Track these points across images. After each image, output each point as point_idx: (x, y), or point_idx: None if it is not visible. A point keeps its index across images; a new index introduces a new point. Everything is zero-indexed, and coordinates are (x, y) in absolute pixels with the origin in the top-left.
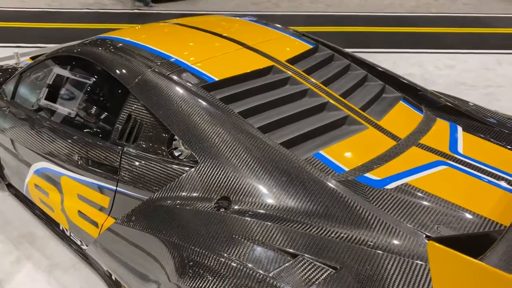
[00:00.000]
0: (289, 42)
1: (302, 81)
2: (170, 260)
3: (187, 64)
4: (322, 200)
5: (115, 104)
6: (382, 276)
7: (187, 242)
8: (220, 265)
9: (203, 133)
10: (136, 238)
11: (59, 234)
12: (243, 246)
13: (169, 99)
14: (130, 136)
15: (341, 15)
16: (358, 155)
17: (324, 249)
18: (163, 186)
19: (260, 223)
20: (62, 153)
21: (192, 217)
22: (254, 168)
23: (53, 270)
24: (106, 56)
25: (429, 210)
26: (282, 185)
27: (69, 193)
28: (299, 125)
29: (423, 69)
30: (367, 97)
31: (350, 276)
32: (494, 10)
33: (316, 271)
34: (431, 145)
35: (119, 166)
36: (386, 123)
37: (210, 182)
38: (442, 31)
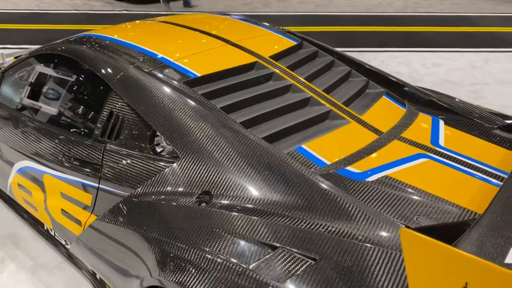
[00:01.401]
0: (273, 39)
1: (285, 77)
2: (151, 255)
3: (170, 60)
4: (303, 193)
5: (97, 101)
6: (361, 266)
7: (168, 237)
8: (201, 259)
9: (184, 128)
10: (117, 234)
11: (43, 234)
12: (224, 240)
13: (151, 95)
14: (112, 133)
15: (330, 15)
16: (340, 149)
17: (304, 240)
18: (144, 182)
19: (240, 216)
20: (45, 151)
21: (173, 212)
22: (235, 163)
23: (37, 271)
24: (88, 53)
25: (409, 202)
26: (264, 179)
27: (52, 192)
28: (281, 120)
29: (410, 68)
30: (350, 92)
31: (329, 267)
32: (482, 9)
33: (295, 263)
34: (413, 138)
35: (101, 163)
36: (369, 117)
37: (191, 177)
38: (430, 30)
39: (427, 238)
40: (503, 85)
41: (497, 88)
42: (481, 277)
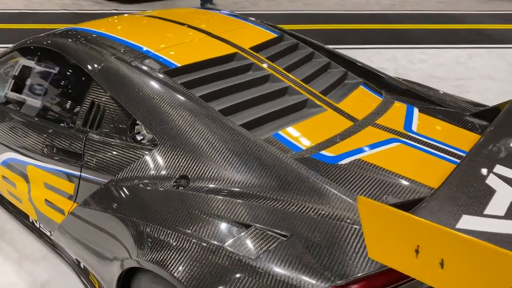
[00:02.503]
0: (254, 31)
1: (265, 67)
2: (130, 238)
3: (150, 51)
4: (277, 176)
5: (79, 92)
6: (331, 241)
7: (146, 219)
8: (176, 239)
9: (162, 115)
10: (98, 220)
11: (28, 226)
12: (199, 220)
13: (131, 85)
14: (93, 123)
15: (318, 13)
16: (315, 135)
17: (276, 219)
18: (124, 169)
19: (216, 198)
20: (29, 142)
21: (151, 196)
22: (212, 148)
23: (23, 262)
24: (71, 45)
25: (379, 182)
26: (240, 164)
27: (36, 182)
28: (260, 108)
29: (396, 64)
30: (328, 82)
31: (300, 243)
32: (468, 7)
33: (267, 240)
34: (386, 124)
35: (83, 152)
36: (345, 105)
37: (169, 162)
38: (416, 28)
39: (381, 205)
40: (486, 79)
41: (480, 83)
42: (432, 240)
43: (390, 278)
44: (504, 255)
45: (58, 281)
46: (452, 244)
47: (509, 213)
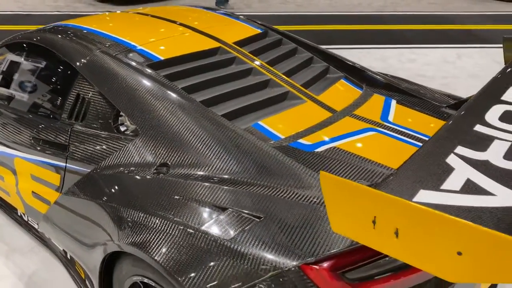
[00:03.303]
0: (238, 27)
1: (247, 61)
2: (112, 223)
3: (135, 45)
4: (254, 162)
5: (65, 85)
6: (303, 222)
7: (127, 205)
8: (156, 223)
9: (144, 106)
10: (81, 208)
11: (17, 220)
12: (178, 204)
13: (114, 77)
14: (78, 115)
15: (310, 15)
16: (294, 125)
17: (251, 202)
18: (107, 158)
19: (195, 183)
20: (16, 135)
21: (132, 183)
22: (192, 137)
23: (11, 254)
24: (57, 40)
25: (352, 168)
26: (219, 151)
27: (23, 175)
28: (241, 100)
29: (386, 63)
30: (310, 76)
31: (273, 224)
32: (458, 8)
33: (242, 221)
34: (364, 115)
35: (68, 143)
36: (325, 97)
37: (150, 151)
38: (406, 28)
39: (342, 179)
40: (473, 78)
41: (468, 81)
42: (386, 211)
43: (359, 256)
44: (451, 221)
45: (45, 273)
46: (404, 213)
47: (464, 188)
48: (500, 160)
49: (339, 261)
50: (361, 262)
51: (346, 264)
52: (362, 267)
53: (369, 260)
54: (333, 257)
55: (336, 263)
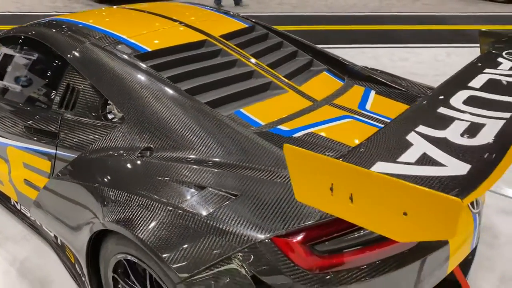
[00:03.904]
0: (226, 22)
1: (232, 53)
2: (97, 203)
3: (123, 37)
4: (234, 146)
5: (56, 76)
6: (276, 198)
7: (111, 185)
8: (138, 201)
9: (130, 94)
10: (68, 191)
11: (10, 209)
12: (159, 184)
13: (103, 67)
14: (68, 104)
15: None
16: (274, 113)
17: (228, 181)
18: (94, 144)
19: (176, 165)
20: (9, 125)
21: (117, 165)
22: (175, 123)
23: (4, 242)
24: (49, 33)
25: (326, 150)
26: (200, 136)
27: (15, 163)
28: (225, 89)
29: (378, 62)
30: (293, 68)
31: (248, 200)
32: (452, 9)
33: (219, 199)
34: (342, 104)
35: (58, 131)
36: (306, 88)
37: (135, 136)
38: (400, 28)
39: (303, 150)
40: None
41: None
42: (342, 177)
43: (328, 230)
44: (396, 184)
45: (37, 259)
46: (357, 179)
47: (419, 160)
48: (458, 137)
49: (309, 234)
50: (330, 235)
51: (315, 237)
52: (331, 240)
53: (337, 234)
54: (303, 230)
55: (306, 236)
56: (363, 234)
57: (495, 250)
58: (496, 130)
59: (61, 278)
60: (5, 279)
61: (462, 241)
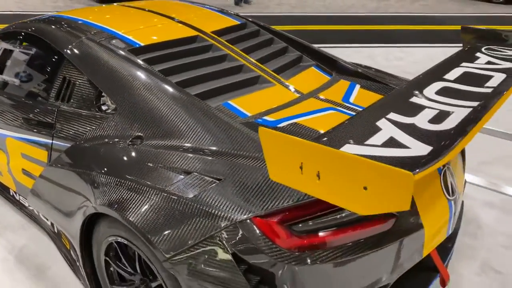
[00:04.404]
0: (218, 18)
1: (223, 48)
2: (89, 188)
3: (118, 32)
4: (220, 135)
5: (53, 69)
6: (258, 182)
7: (103, 171)
8: (128, 185)
9: (123, 86)
10: (62, 178)
11: (9, 199)
12: (148, 170)
13: (98, 60)
14: (64, 96)
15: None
16: (261, 105)
17: (213, 166)
18: (87, 133)
19: (164, 152)
20: (8, 117)
21: (108, 152)
22: (166, 113)
23: (3, 231)
24: (47, 29)
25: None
26: (189, 125)
27: (14, 153)
28: (214, 83)
29: (373, 61)
30: (282, 63)
31: (231, 184)
32: (449, 10)
33: (204, 183)
34: (327, 97)
35: (55, 122)
36: (293, 82)
37: (126, 125)
38: (397, 28)
39: (276, 132)
40: None
41: None
42: (310, 156)
43: (306, 211)
44: (357, 160)
45: (34, 246)
46: (323, 157)
47: (386, 143)
48: (425, 123)
49: (287, 215)
50: (308, 216)
51: (293, 218)
52: (308, 221)
53: (315, 215)
54: (282, 211)
55: (284, 216)
56: (339, 216)
57: (478, 241)
58: (461, 117)
59: (57, 265)
60: (4, 265)
61: (437, 226)
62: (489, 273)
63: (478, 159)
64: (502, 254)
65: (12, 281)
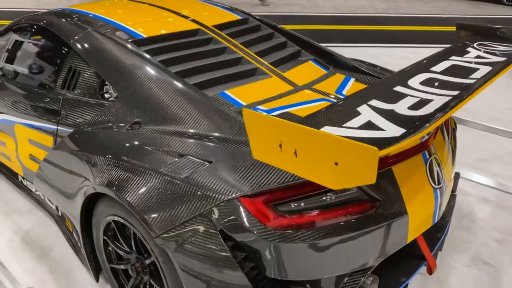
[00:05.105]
0: (220, 13)
1: (223, 41)
2: (89, 170)
3: (122, 25)
4: (213, 122)
5: (60, 59)
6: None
7: (102, 153)
8: (124, 167)
9: (124, 75)
10: (65, 161)
11: (17, 185)
12: (144, 152)
13: (102, 51)
14: (70, 84)
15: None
16: (256, 95)
17: (205, 151)
18: (89, 119)
19: (160, 136)
20: (17, 104)
21: (108, 137)
22: (163, 101)
23: (11, 214)
24: (56, 21)
25: None
26: (184, 113)
27: (22, 139)
28: (213, 73)
29: (378, 60)
30: (280, 57)
31: (221, 166)
32: (460, 11)
33: (196, 165)
34: (321, 89)
35: (60, 109)
36: (290, 74)
37: (126, 111)
38: (403, 29)
39: (257, 113)
40: None
41: None
42: (287, 135)
43: (290, 193)
44: (328, 137)
45: (40, 229)
46: (299, 135)
47: (362, 126)
48: (404, 109)
49: (272, 196)
50: (292, 197)
51: (278, 198)
52: (292, 202)
53: (299, 197)
54: (268, 192)
55: (270, 197)
56: (323, 198)
57: (471, 234)
58: (439, 104)
59: (61, 246)
60: (9, 245)
61: (422, 213)
62: (480, 265)
63: (476, 155)
64: (495, 248)
65: (17, 260)
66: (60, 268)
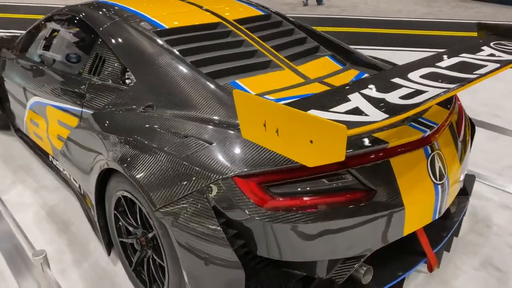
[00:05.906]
0: (243, 8)
1: (241, 35)
2: (104, 146)
3: (147, 16)
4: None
5: (89, 47)
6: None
7: (117, 132)
8: (133, 144)
9: (144, 62)
10: (85, 139)
11: (48, 164)
12: (154, 133)
13: (126, 40)
14: (96, 70)
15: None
16: (266, 85)
17: (208, 133)
18: (108, 101)
19: (169, 118)
20: (49, 87)
21: (123, 118)
22: (176, 86)
23: (39, 190)
24: (88, 11)
25: None
26: (195, 98)
27: (52, 120)
28: (227, 64)
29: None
30: (297, 51)
31: (221, 148)
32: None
33: (197, 145)
34: (332, 83)
35: (85, 92)
36: (303, 68)
37: (141, 96)
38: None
39: (246, 94)
40: None
41: None
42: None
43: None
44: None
45: (64, 206)
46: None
47: (348, 111)
48: (395, 99)
49: (266, 177)
50: (284, 180)
51: (271, 180)
52: (284, 185)
53: (291, 180)
54: (261, 174)
55: (263, 178)
56: (316, 183)
57: (485, 238)
58: (430, 95)
59: (80, 222)
60: (35, 217)
61: (420, 207)
62: (488, 269)
63: (505, 163)
64: (507, 254)
65: (40, 231)
66: (77, 241)
